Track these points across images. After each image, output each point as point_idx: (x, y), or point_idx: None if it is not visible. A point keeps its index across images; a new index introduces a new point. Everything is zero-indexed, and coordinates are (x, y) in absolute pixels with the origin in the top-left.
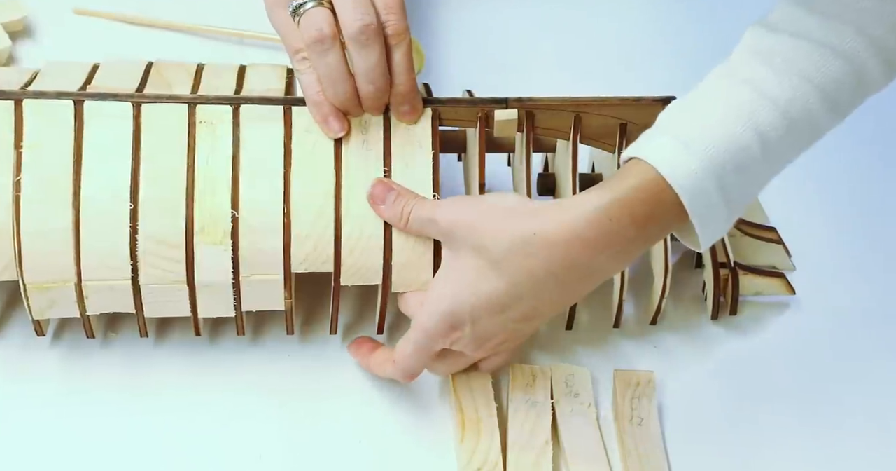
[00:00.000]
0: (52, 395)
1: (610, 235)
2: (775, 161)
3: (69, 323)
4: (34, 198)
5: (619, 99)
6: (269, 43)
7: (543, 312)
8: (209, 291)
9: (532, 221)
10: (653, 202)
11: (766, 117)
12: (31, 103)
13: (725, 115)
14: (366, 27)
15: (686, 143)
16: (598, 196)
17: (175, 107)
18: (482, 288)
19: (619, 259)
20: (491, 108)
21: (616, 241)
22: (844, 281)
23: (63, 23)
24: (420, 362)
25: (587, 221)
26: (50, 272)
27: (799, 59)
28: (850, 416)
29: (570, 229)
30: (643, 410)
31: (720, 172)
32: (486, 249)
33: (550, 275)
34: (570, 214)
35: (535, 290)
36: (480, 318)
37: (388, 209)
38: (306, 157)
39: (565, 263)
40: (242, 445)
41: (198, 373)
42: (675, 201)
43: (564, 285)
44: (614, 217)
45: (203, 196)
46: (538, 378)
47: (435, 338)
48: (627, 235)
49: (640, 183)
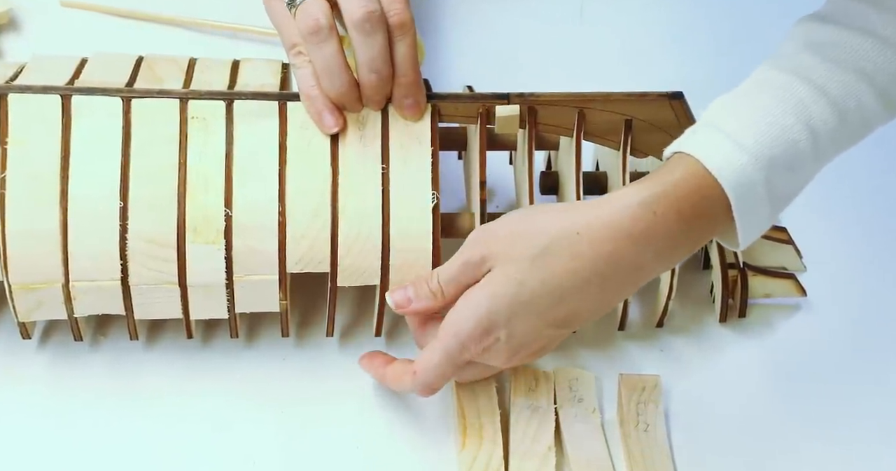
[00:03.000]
0: (39, 400)
1: (655, 230)
2: (823, 156)
3: (56, 326)
4: (20, 195)
5: (624, 94)
6: (262, 37)
7: (582, 315)
8: (202, 292)
9: (574, 218)
10: (698, 197)
11: (817, 111)
12: (16, 98)
13: (776, 107)
14: (370, 14)
15: (734, 136)
16: (643, 190)
17: (166, 102)
18: (522, 291)
19: (665, 257)
20: (492, 104)
21: (661, 237)
22: (857, 282)
23: (49, 15)
24: (444, 374)
25: (632, 216)
26: (36, 272)
27: (854, 53)
28: (865, 422)
29: (615, 224)
30: (649, 415)
31: (769, 167)
32: (528, 248)
33: (594, 274)
34: (614, 209)
35: (578, 291)
36: (517, 322)
37: (418, 300)
38: (302, 154)
39: (610, 260)
40: (236, 452)
41: (190, 377)
42: (721, 197)
43: (607, 285)
44: (659, 212)
45: (195, 194)
46: (541, 382)
47: (467, 345)
48: (673, 231)
49: (686, 177)
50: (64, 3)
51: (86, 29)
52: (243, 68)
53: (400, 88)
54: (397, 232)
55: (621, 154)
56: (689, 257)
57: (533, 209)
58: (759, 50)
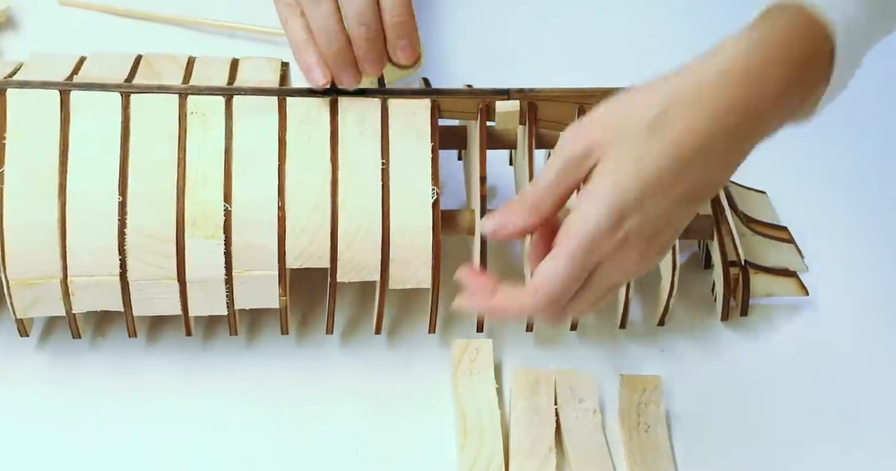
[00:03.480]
0: (38, 399)
1: (766, 71)
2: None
3: (55, 325)
4: (18, 190)
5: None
6: (262, 36)
7: (712, 181)
8: (201, 287)
9: (681, 80)
10: (807, 40)
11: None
12: (14, 92)
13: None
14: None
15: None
16: (747, 37)
17: (165, 97)
18: (643, 167)
19: (781, 104)
20: (492, 100)
21: (773, 80)
22: (859, 282)
23: (47, 14)
24: (570, 286)
25: (746, 58)
26: (35, 268)
27: None
28: (867, 423)
29: (727, 71)
30: (650, 416)
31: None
32: (636, 126)
33: (717, 128)
34: (724, 58)
35: (703, 152)
36: (648, 204)
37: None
38: (301, 149)
39: (730, 109)
40: (235, 451)
41: (189, 376)
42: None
43: (732, 140)
44: (768, 55)
45: (194, 189)
46: (541, 383)
47: (597, 243)
48: (785, 74)
49: (792, 22)
50: (62, 2)
51: (84, 28)
52: (243, 66)
53: (392, 29)
54: (397, 227)
55: None
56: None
57: (628, 90)
58: None
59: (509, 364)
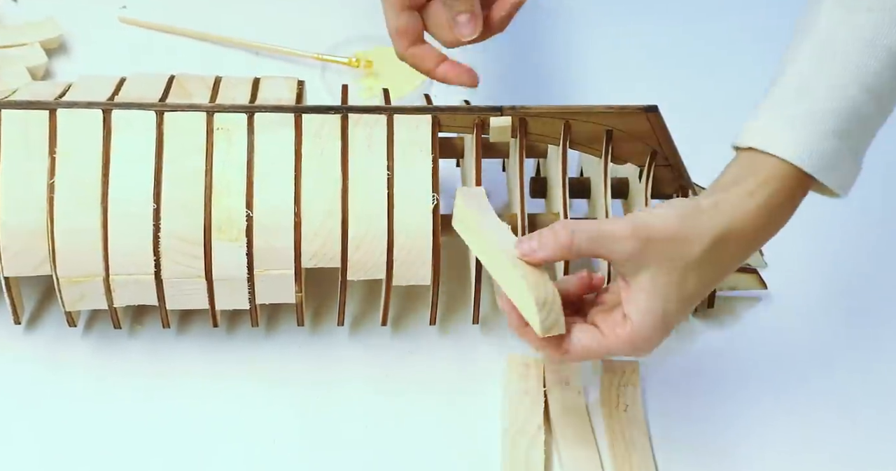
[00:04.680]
0: (83, 381)
1: (780, 217)
2: (887, 111)
3: (98, 316)
4: (66, 199)
5: (605, 107)
6: (281, 56)
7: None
8: (226, 284)
9: (720, 221)
10: (804, 182)
11: (875, 74)
12: (63, 113)
13: (840, 84)
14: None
15: (813, 126)
16: (762, 187)
17: (195, 115)
18: (685, 292)
19: (778, 228)
20: (487, 116)
21: (784, 220)
22: (812, 277)
23: (95, 40)
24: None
25: (765, 212)
26: (81, 267)
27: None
28: (819, 400)
29: (756, 221)
30: (628, 397)
31: (849, 140)
32: (684, 257)
33: (735, 261)
34: (748, 208)
35: (722, 277)
36: (682, 316)
37: (546, 249)
38: (315, 160)
39: (749, 249)
40: (258, 429)
41: (216, 362)
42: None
43: (735, 265)
44: (782, 203)
45: (220, 197)
46: (531, 369)
47: (638, 346)
48: (790, 212)
49: (787, 173)
50: (122, 20)
51: (128, 52)
52: (263, 85)
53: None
54: (401, 231)
55: (602, 161)
56: None
57: (684, 213)
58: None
59: (504, 351)
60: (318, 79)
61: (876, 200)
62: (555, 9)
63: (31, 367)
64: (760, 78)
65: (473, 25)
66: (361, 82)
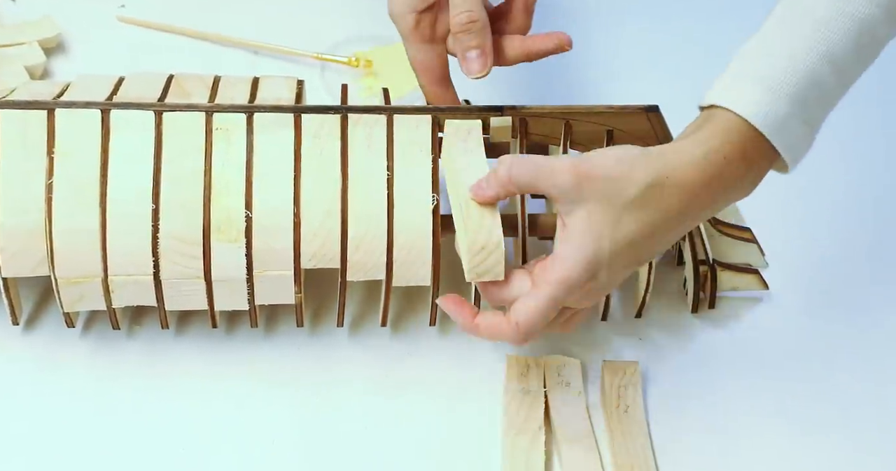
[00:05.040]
0: (82, 382)
1: (727, 172)
2: (847, 83)
3: (97, 316)
4: (65, 199)
5: (605, 107)
6: (281, 55)
7: (659, 252)
8: (225, 285)
9: (660, 164)
10: (755, 143)
11: (838, 44)
12: (62, 112)
13: (803, 50)
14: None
15: (771, 87)
16: (709, 138)
17: (193, 115)
18: (619, 233)
19: (733, 194)
20: (487, 116)
21: (731, 178)
22: (813, 277)
23: (93, 39)
24: (545, 322)
25: (708, 162)
26: (79, 268)
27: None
28: (817, 400)
29: (697, 169)
30: (629, 398)
31: (804, 107)
32: (620, 196)
33: (681, 213)
34: (693, 156)
35: (666, 228)
36: (616, 265)
37: (491, 187)
38: (314, 161)
39: (694, 200)
40: (257, 429)
41: (215, 363)
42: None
43: (687, 222)
44: (728, 156)
45: (219, 197)
46: (532, 368)
47: (573, 289)
48: (740, 171)
49: (740, 127)
50: (120, 19)
51: (126, 51)
52: (262, 84)
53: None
54: (401, 231)
55: None
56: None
57: (624, 154)
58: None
59: (504, 352)
60: (318, 78)
61: (877, 200)
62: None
63: (29, 368)
64: None
65: (483, 62)
66: (361, 82)
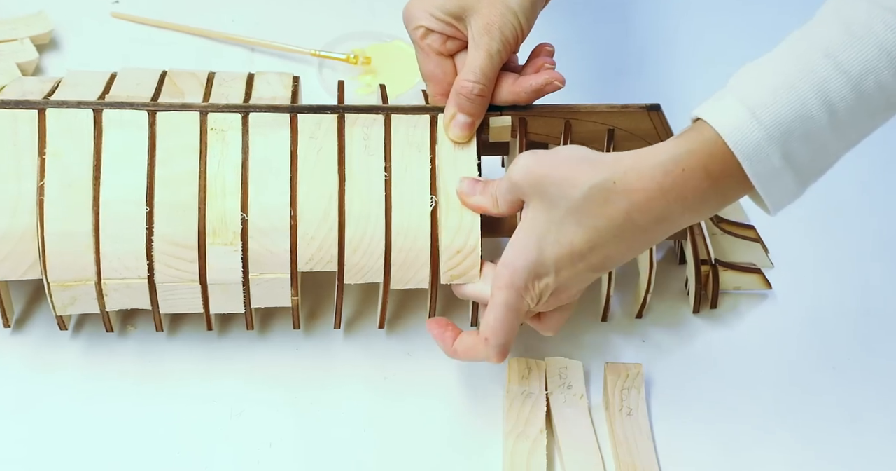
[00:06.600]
0: (74, 384)
1: (684, 185)
2: (846, 133)
3: (88, 318)
4: (57, 201)
5: (607, 106)
6: (277, 52)
7: (616, 260)
8: (220, 289)
9: (610, 168)
10: (722, 160)
11: (835, 87)
12: (53, 112)
13: (796, 81)
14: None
15: (752, 108)
16: (672, 148)
17: (188, 115)
18: (563, 237)
19: (694, 211)
20: (487, 115)
21: (690, 192)
22: (817, 277)
23: (86, 35)
24: (511, 330)
25: (663, 170)
26: (72, 271)
27: (878, 28)
28: (821, 401)
29: (648, 176)
30: (632, 400)
31: (785, 140)
32: (564, 199)
33: (628, 221)
34: (647, 162)
35: (614, 237)
36: (563, 268)
37: (480, 198)
38: (311, 162)
39: (643, 208)
40: (254, 433)
41: (210, 365)
42: (738, 163)
43: (639, 232)
44: (688, 168)
45: (214, 199)
46: (533, 371)
47: (522, 293)
48: (701, 187)
49: (710, 141)
50: (115, 15)
51: (119, 48)
52: (258, 81)
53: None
54: (399, 233)
55: None
56: (663, 253)
57: (576, 154)
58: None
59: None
60: (315, 76)
61: (882, 200)
62: (555, 6)
63: (19, 370)
64: None
65: (467, 133)
66: (360, 79)
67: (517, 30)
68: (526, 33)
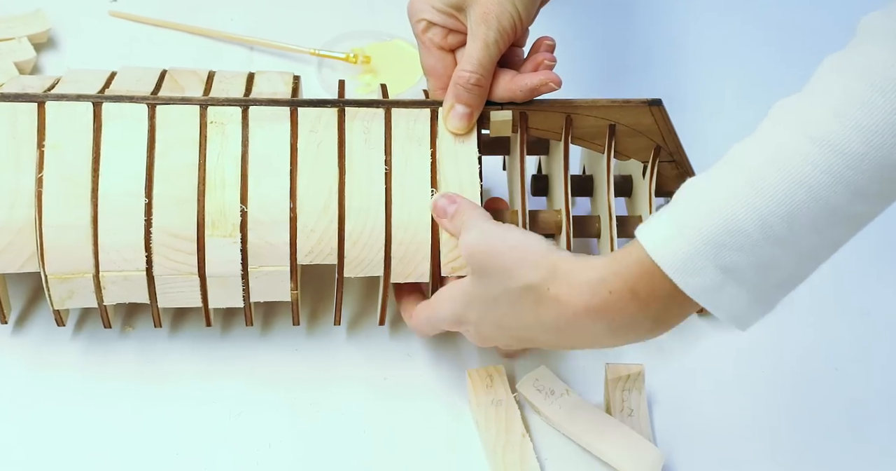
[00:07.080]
0: (73, 385)
1: (610, 307)
2: (795, 246)
3: (88, 315)
4: (55, 194)
5: (608, 101)
6: (277, 51)
7: (541, 344)
8: (219, 281)
9: (547, 272)
10: (652, 281)
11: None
12: (52, 105)
13: (724, 196)
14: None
15: (680, 225)
16: (602, 268)
17: (188, 108)
18: (492, 310)
19: (622, 333)
20: (487, 110)
21: (616, 314)
22: (818, 278)
23: (85, 34)
24: (428, 332)
25: (591, 291)
26: (70, 264)
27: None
28: (823, 402)
29: (576, 293)
30: (633, 401)
31: (716, 253)
32: (501, 286)
33: (554, 326)
34: (578, 277)
35: (540, 329)
36: (484, 326)
37: (448, 224)
38: (311, 155)
39: (571, 321)
40: (253, 432)
41: (209, 363)
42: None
43: (565, 338)
44: (614, 291)
45: (213, 192)
46: (494, 377)
47: (441, 326)
48: (628, 310)
49: (640, 261)
50: (113, 14)
51: (118, 47)
52: (258, 79)
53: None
54: (399, 226)
55: (606, 156)
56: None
57: (521, 247)
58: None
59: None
60: (315, 75)
61: None
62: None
63: (18, 368)
64: (767, 72)
65: (466, 123)
66: (360, 78)
67: (515, 20)
68: (525, 24)
